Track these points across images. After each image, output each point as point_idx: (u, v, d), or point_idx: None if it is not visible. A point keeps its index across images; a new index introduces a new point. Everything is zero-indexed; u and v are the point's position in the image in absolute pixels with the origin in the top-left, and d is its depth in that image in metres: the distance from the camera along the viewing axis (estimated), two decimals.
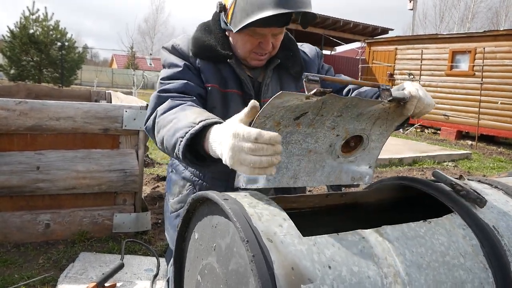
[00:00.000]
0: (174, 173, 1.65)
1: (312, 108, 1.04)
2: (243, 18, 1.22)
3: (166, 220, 1.72)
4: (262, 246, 0.81)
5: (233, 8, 1.26)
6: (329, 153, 1.24)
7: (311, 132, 1.14)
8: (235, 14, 1.26)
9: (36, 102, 2.45)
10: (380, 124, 1.24)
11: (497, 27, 30.56)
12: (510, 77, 9.79)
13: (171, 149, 1.15)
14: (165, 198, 1.76)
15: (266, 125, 1.04)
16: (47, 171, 2.48)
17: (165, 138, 1.17)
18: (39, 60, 18.98)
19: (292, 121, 1.07)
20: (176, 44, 1.45)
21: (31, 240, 2.53)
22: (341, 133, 1.19)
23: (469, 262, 0.94)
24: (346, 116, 1.13)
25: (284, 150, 1.14)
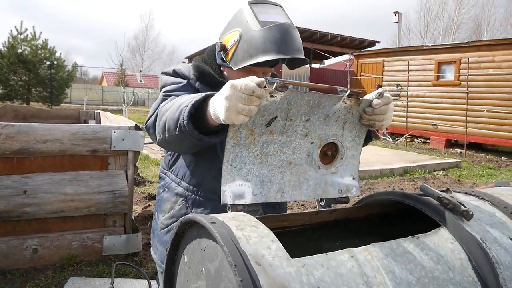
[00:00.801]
0: (166, 192, 1.66)
1: (280, 111, 1.10)
2: (246, 59, 1.39)
3: (154, 239, 1.71)
4: (250, 270, 0.80)
5: (234, 48, 1.42)
6: (309, 164, 1.26)
7: (286, 141, 1.18)
8: (236, 54, 1.42)
9: (23, 125, 2.43)
10: (350, 129, 1.29)
11: (480, 37, 31.20)
12: (494, 86, 9.98)
13: (174, 123, 1.20)
14: (154, 218, 1.75)
15: (241, 134, 1.09)
16: (34, 195, 2.44)
17: (168, 117, 1.25)
18: (27, 80, 18.88)
19: (265, 128, 1.12)
20: (177, 69, 1.58)
21: (18, 266, 2.48)
22: (314, 141, 1.23)
23: (458, 276, 0.94)
24: (314, 120, 1.18)
25: (265, 163, 1.17)
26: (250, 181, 1.16)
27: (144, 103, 36.50)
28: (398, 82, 12.49)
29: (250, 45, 1.37)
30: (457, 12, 33.93)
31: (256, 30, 1.37)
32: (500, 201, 1.18)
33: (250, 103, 1.02)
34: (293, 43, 1.39)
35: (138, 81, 45.91)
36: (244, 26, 1.40)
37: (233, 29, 1.44)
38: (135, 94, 26.63)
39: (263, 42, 1.35)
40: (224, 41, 1.49)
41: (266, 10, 1.41)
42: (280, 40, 1.36)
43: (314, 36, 15.98)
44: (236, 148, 1.11)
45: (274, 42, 1.35)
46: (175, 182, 1.62)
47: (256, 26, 1.37)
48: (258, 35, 1.36)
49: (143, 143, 2.73)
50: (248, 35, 1.38)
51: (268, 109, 1.07)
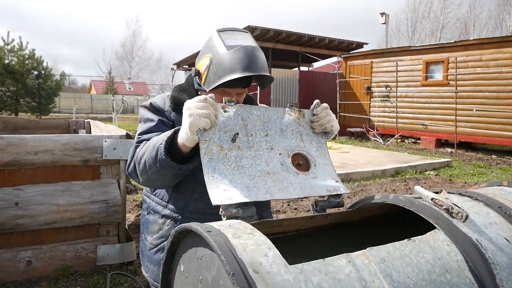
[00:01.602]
0: (152, 214, 1.71)
1: (238, 127, 1.26)
2: (216, 80, 1.50)
3: (144, 259, 1.74)
4: (248, 278, 0.80)
5: (206, 72, 1.55)
6: (287, 172, 1.30)
7: (256, 155, 1.27)
8: (208, 77, 1.54)
9: (13, 137, 2.40)
10: (309, 141, 1.42)
11: (467, 36, 31.58)
12: (482, 85, 10.10)
13: (154, 161, 1.36)
14: (140, 240, 1.79)
15: (212, 150, 1.20)
16: (26, 206, 2.42)
17: (147, 158, 1.40)
18: (15, 90, 18.69)
19: (232, 143, 1.24)
20: (154, 102, 1.70)
21: (12, 279, 2.44)
22: (282, 152, 1.33)
23: (456, 278, 0.95)
24: (272, 134, 1.32)
25: (244, 173, 1.22)
26: (236, 187, 1.20)
27: (133, 110, 36.33)
28: (387, 83, 12.59)
29: (218, 67, 1.50)
30: (443, 12, 34.35)
31: (223, 53, 1.50)
32: (494, 201, 1.19)
33: (206, 108, 1.24)
34: (258, 62, 1.51)
35: (127, 88, 45.70)
36: (213, 51, 1.53)
37: (204, 55, 1.58)
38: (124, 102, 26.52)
39: (229, 63, 1.48)
40: (198, 67, 1.62)
41: (234, 36, 1.55)
42: (245, 60, 1.48)
43: (302, 39, 16.05)
44: (212, 163, 1.20)
45: (239, 62, 1.47)
46: (160, 205, 1.68)
47: (223, 50, 1.50)
48: (225, 57, 1.49)
49: None
50: (216, 59, 1.51)
51: (227, 125, 1.24)
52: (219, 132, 1.22)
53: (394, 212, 1.38)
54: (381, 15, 19.31)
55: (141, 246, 1.77)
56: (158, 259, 1.62)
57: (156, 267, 1.63)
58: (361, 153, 8.69)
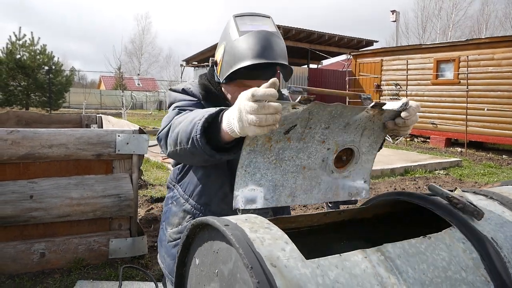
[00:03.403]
0: (174, 205, 1.64)
1: (300, 120, 1.09)
2: (227, 70, 1.37)
3: (161, 249, 1.70)
4: (266, 271, 0.81)
5: (221, 62, 1.43)
6: (323, 169, 1.26)
7: (302, 147, 1.17)
8: (222, 67, 1.42)
9: (28, 131, 2.43)
10: (368, 135, 1.27)
11: (479, 35, 31.23)
12: (494, 84, 9.98)
13: (187, 137, 1.18)
14: (161, 227, 1.74)
15: (258, 141, 1.08)
16: (40, 199, 2.45)
17: (181, 130, 1.22)
18: (26, 85, 18.88)
19: (283, 135, 1.11)
20: (187, 88, 1.55)
21: (26, 270, 2.49)
22: (331, 147, 1.22)
23: (471, 276, 0.95)
24: (334, 127, 1.17)
25: (278, 168, 1.16)
26: (263, 186, 1.17)
27: (142, 106, 36.51)
28: (397, 81, 12.50)
29: (230, 55, 1.37)
30: (453, 10, 34.00)
31: (235, 40, 1.36)
32: (509, 200, 1.19)
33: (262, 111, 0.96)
34: (273, 48, 1.35)
35: (136, 84, 45.89)
36: (227, 38, 1.40)
37: (220, 44, 1.46)
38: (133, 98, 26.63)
39: (240, 49, 1.34)
40: (216, 57, 1.50)
41: (251, 21, 1.40)
42: (257, 46, 1.33)
43: (312, 37, 15.99)
44: (252, 155, 1.11)
45: (250, 48, 1.33)
46: (183, 198, 1.60)
47: (236, 36, 1.36)
48: (237, 44, 1.35)
49: (147, 146, 2.74)
50: (229, 45, 1.38)
51: (288, 118, 1.05)
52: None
53: (407, 209, 1.38)
54: (392, 13, 19.15)
55: (161, 234, 1.71)
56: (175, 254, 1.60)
57: (173, 261, 1.59)
58: None
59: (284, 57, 1.39)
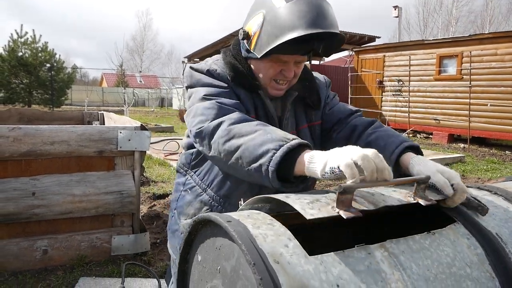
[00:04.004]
0: (188, 193, 1.52)
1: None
2: (271, 41, 1.21)
3: (173, 239, 1.58)
4: (269, 268, 0.81)
5: (258, 33, 1.26)
6: None
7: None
8: (260, 39, 1.25)
9: (30, 128, 2.43)
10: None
11: (482, 30, 31.08)
12: (497, 79, 9.94)
13: (252, 160, 1.05)
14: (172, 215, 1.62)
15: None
16: (42, 196, 2.46)
17: (246, 147, 1.08)
18: (28, 82, 18.93)
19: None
20: (212, 69, 1.37)
21: (28, 267, 2.49)
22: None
23: (476, 272, 0.94)
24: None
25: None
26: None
27: (144, 103, 36.56)
28: (399, 77, 12.47)
29: (274, 25, 1.20)
30: (454, 5, 33.85)
31: (281, 7, 1.19)
32: None
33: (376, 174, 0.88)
34: (327, 16, 1.19)
35: (137, 81, 45.97)
36: (268, 5, 1.23)
37: (255, 12, 1.28)
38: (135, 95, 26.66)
39: (289, 18, 1.17)
40: (248, 28, 1.32)
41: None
42: (310, 13, 1.17)
43: None
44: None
45: (302, 16, 1.16)
46: (200, 187, 1.48)
47: (281, 2, 1.20)
48: (283, 11, 1.19)
49: (149, 143, 2.73)
50: (271, 14, 1.21)
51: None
52: None
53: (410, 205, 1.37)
54: (394, 8, 19.08)
55: (172, 224, 1.59)
56: None
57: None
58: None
59: (337, 26, 1.24)
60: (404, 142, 1.21)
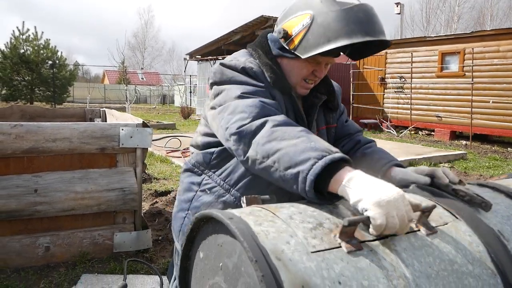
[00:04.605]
0: (207, 194, 1.45)
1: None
2: (323, 44, 1.22)
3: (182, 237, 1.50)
4: (270, 265, 0.81)
5: (303, 34, 1.27)
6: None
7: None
8: (306, 40, 1.26)
9: (32, 125, 2.44)
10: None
11: (483, 27, 30.96)
12: (500, 76, 9.91)
13: (290, 164, 1.02)
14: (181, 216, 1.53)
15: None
16: (45, 193, 2.46)
17: (285, 151, 1.05)
18: (30, 80, 18.97)
19: None
20: (248, 67, 1.34)
21: (31, 264, 2.50)
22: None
23: (478, 269, 0.94)
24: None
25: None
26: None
27: (146, 100, 36.56)
28: (401, 74, 12.44)
29: (327, 28, 1.21)
30: (457, 2, 33.72)
31: (334, 11, 1.22)
32: None
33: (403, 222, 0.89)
34: (378, 24, 1.25)
35: (139, 78, 45.96)
36: (317, 8, 1.24)
37: (300, 12, 1.29)
38: (137, 92, 26.67)
39: (345, 24, 1.20)
40: (287, 27, 1.32)
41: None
42: (366, 21, 1.21)
43: None
44: None
45: (358, 23, 1.20)
46: (222, 188, 1.41)
47: (334, 7, 1.22)
48: (339, 15, 1.21)
49: (151, 140, 2.74)
50: (323, 17, 1.23)
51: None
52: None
53: None
54: (396, 5, 19.02)
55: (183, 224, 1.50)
56: None
57: None
58: None
59: (384, 33, 1.28)
60: (393, 160, 1.39)
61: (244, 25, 16.37)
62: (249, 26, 15.89)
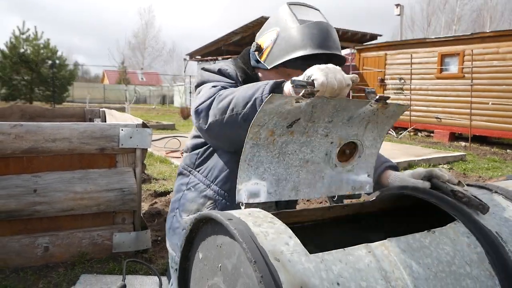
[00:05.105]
0: (191, 191, 1.60)
1: (303, 114, 1.08)
2: (282, 56, 1.39)
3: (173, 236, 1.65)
4: (269, 266, 0.81)
5: (270, 47, 1.44)
6: (326, 163, 1.25)
7: (305, 141, 1.17)
8: (272, 53, 1.43)
9: (31, 125, 2.44)
10: (372, 129, 1.27)
11: (483, 29, 30.98)
12: (499, 78, 9.92)
13: (245, 100, 1.19)
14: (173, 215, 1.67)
15: (261, 135, 1.08)
16: (44, 193, 2.46)
17: (237, 95, 1.23)
18: (30, 79, 18.94)
19: (286, 129, 1.11)
20: (223, 69, 1.51)
21: (30, 264, 2.50)
22: (334, 140, 1.22)
23: (476, 270, 0.94)
24: (337, 121, 1.16)
25: (282, 162, 1.16)
26: (266, 179, 1.16)
27: (145, 100, 36.53)
28: (401, 75, 12.45)
29: (287, 42, 1.38)
30: (458, 4, 33.75)
31: (294, 27, 1.38)
32: None
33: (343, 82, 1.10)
34: (332, 39, 1.39)
35: (139, 78, 45.94)
36: (282, 25, 1.41)
37: (270, 29, 1.46)
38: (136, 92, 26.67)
39: (301, 38, 1.36)
40: (261, 41, 1.50)
41: (306, 11, 1.44)
42: (319, 36, 1.36)
43: None
44: (255, 148, 1.11)
45: (312, 38, 1.36)
46: (203, 184, 1.57)
47: (294, 24, 1.38)
48: (296, 31, 1.37)
49: (151, 140, 2.74)
50: (285, 33, 1.39)
51: (291, 112, 1.05)
52: (278, 118, 1.07)
53: (411, 204, 1.38)
54: (396, 7, 19.04)
55: (173, 222, 1.65)
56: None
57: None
58: None
59: (340, 48, 1.44)
60: (387, 162, 1.44)
61: (244, 26, 16.40)
62: (249, 27, 15.91)
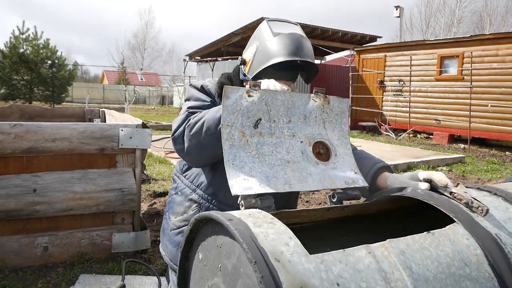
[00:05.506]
0: (178, 195, 1.72)
1: (262, 112, 1.21)
2: (259, 66, 1.52)
3: (164, 237, 1.77)
4: (269, 266, 0.81)
5: (251, 60, 1.57)
6: (306, 161, 1.28)
7: (277, 142, 1.24)
8: (253, 65, 1.56)
9: (31, 125, 2.44)
10: (332, 128, 1.36)
11: (482, 31, 31.03)
12: (498, 80, 9.95)
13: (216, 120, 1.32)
14: (164, 217, 1.81)
15: (234, 135, 1.16)
16: (43, 193, 2.46)
17: (207, 119, 1.36)
18: (29, 79, 18.94)
19: (254, 129, 1.20)
20: (205, 85, 1.66)
21: (29, 264, 2.50)
22: (303, 140, 1.29)
23: (475, 272, 0.95)
24: (295, 120, 1.27)
25: (264, 162, 1.20)
26: (255, 176, 1.18)
27: (145, 101, 36.51)
28: (400, 77, 12.46)
29: (263, 53, 1.51)
30: (458, 6, 33.79)
31: (269, 40, 1.50)
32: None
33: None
34: (304, 48, 1.50)
35: (138, 79, 45.92)
36: (261, 39, 1.54)
37: (252, 44, 1.59)
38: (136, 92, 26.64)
39: (275, 48, 1.48)
40: (245, 56, 1.64)
41: (282, 25, 1.56)
42: (291, 45, 1.48)
43: (315, 32, 15.93)
44: (233, 149, 1.17)
45: (284, 47, 1.47)
46: (189, 188, 1.68)
47: (270, 36, 1.51)
48: (270, 43, 1.50)
49: (150, 141, 2.74)
50: (262, 45, 1.52)
51: (250, 110, 1.19)
52: (242, 117, 1.18)
53: (411, 205, 1.38)
54: (396, 8, 19.09)
55: (164, 224, 1.80)
56: (178, 241, 1.66)
57: (175, 248, 1.67)
58: (372, 148, 8.62)
59: (312, 57, 1.55)
60: (380, 162, 1.48)
61: (244, 27, 16.40)
62: (249, 28, 15.91)
